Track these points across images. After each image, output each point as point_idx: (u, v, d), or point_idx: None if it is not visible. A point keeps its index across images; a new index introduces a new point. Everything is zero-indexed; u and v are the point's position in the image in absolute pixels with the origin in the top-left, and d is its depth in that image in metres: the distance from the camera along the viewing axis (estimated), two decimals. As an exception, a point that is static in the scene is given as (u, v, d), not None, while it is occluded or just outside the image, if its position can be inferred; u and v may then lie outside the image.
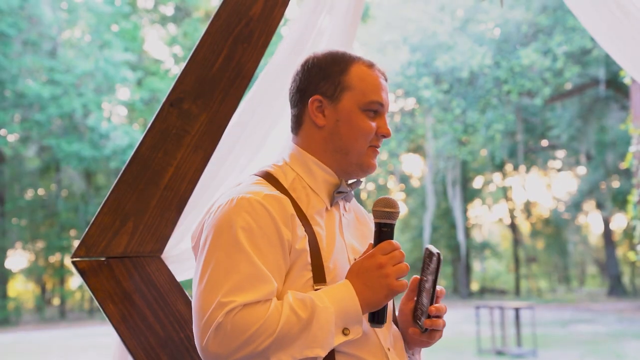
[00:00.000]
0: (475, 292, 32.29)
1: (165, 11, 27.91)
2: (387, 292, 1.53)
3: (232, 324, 1.43)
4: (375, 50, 20.74)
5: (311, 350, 1.46)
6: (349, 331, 1.52)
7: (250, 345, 1.43)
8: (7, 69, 20.92)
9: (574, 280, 37.20)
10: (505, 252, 35.95)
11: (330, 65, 1.72)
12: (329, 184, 1.70)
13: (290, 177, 1.69)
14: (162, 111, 2.33)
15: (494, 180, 32.07)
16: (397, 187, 31.19)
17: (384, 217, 1.59)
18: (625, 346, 12.43)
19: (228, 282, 1.47)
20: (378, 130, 1.71)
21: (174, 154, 2.31)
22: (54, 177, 25.49)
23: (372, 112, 1.70)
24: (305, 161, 1.71)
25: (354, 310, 1.51)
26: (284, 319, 1.45)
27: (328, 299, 1.50)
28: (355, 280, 1.54)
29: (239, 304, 1.44)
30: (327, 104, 1.70)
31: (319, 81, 1.71)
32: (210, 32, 2.38)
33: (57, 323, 23.12)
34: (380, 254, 1.55)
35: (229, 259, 1.49)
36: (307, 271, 1.56)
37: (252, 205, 1.54)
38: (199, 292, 1.50)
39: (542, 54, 18.74)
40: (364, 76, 1.71)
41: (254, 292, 1.46)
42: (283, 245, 1.54)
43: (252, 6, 2.41)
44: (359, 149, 1.69)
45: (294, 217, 1.57)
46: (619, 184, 25.04)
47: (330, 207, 1.70)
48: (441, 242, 31.32)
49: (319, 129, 1.71)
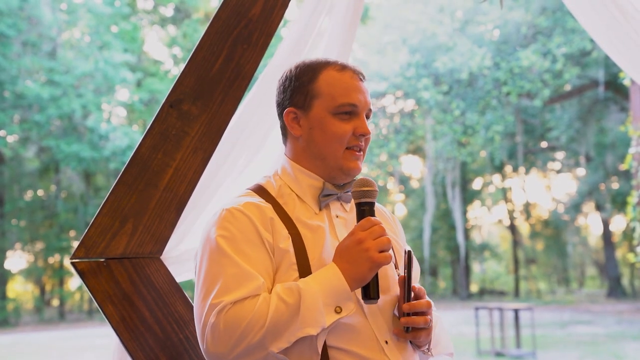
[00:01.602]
0: (475, 293, 32.29)
1: (164, 12, 27.93)
2: (370, 264, 1.57)
3: (225, 322, 1.53)
4: (374, 52, 20.75)
5: (302, 330, 1.52)
6: (341, 309, 1.56)
7: (245, 338, 1.52)
8: (6, 70, 20.92)
9: (573, 281, 37.20)
10: (504, 253, 35.96)
11: (301, 76, 1.79)
12: (314, 188, 1.78)
13: (277, 186, 1.80)
14: (162, 112, 2.33)
15: (494, 181, 32.09)
16: (396, 189, 31.20)
17: (362, 196, 1.65)
18: (624, 347, 12.43)
19: (216, 285, 1.58)
20: (355, 131, 1.74)
21: (174, 155, 2.31)
22: (53, 178, 25.49)
23: (346, 114, 1.74)
24: (292, 170, 1.80)
25: (341, 287, 1.56)
26: (273, 308, 1.53)
27: (314, 281, 1.57)
28: (339, 260, 1.60)
29: (228, 303, 1.54)
30: (300, 114, 1.77)
31: (292, 93, 1.79)
32: (209, 33, 2.38)
33: (57, 324, 23.12)
34: (359, 230, 1.60)
35: (215, 266, 1.61)
36: (293, 271, 1.63)
37: (232, 214, 1.67)
38: (195, 302, 1.63)
39: (542, 55, 18.75)
40: (332, 81, 1.75)
41: (241, 289, 1.56)
42: (265, 246, 1.64)
43: (252, 7, 2.41)
44: (335, 153, 1.74)
45: (273, 220, 1.68)
46: (618, 185, 25.05)
47: (319, 211, 1.76)
48: (440, 243, 31.33)
49: (297, 139, 1.79)
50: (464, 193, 29.41)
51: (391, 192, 32.83)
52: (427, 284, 30.99)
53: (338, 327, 1.60)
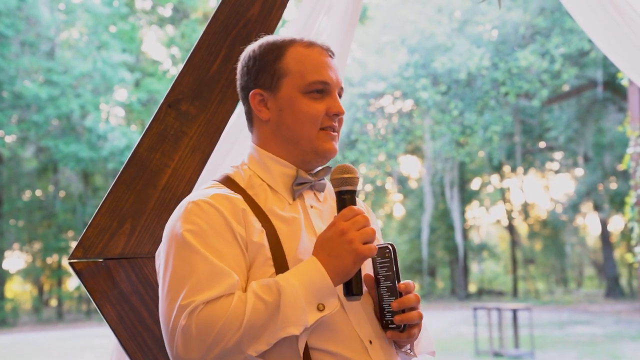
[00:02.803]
0: (473, 293, 32.30)
1: (163, 12, 27.92)
2: (354, 257, 1.45)
3: (197, 324, 1.39)
4: (373, 52, 20.76)
5: (284, 330, 1.39)
6: (324, 306, 1.44)
7: (220, 342, 1.38)
8: (4, 70, 20.90)
9: (571, 281, 37.23)
10: (502, 253, 35.98)
11: (265, 54, 1.65)
12: (286, 176, 1.64)
13: (246, 176, 1.65)
14: (160, 112, 2.33)
15: (492, 181, 32.11)
16: (395, 189, 31.22)
17: (343, 183, 1.53)
18: (622, 348, 12.44)
19: (186, 284, 1.43)
20: (328, 110, 1.62)
21: (172, 155, 2.31)
22: (51, 178, 25.48)
23: (317, 92, 1.61)
24: (260, 158, 1.67)
25: (324, 283, 1.44)
26: (250, 308, 1.39)
27: (293, 277, 1.44)
28: (320, 253, 1.47)
29: (199, 303, 1.40)
30: (267, 95, 1.64)
31: (257, 74, 1.65)
32: (208, 34, 2.38)
33: (55, 324, 23.10)
34: (341, 220, 1.48)
35: (184, 264, 1.46)
36: (268, 267, 1.50)
37: (200, 207, 1.52)
38: (161, 304, 1.48)
39: (540, 55, 18.77)
40: (301, 57, 1.62)
41: (214, 288, 1.42)
42: (238, 241, 1.50)
43: (250, 7, 2.41)
44: (308, 134, 1.61)
45: (245, 212, 1.53)
46: (616, 185, 25.07)
47: (292, 202, 1.63)
48: (439, 243, 31.35)
49: (266, 123, 1.66)
50: (463, 193, 29.42)
51: (389, 192, 32.87)
52: (425, 284, 31.00)
53: (319, 326, 1.48)
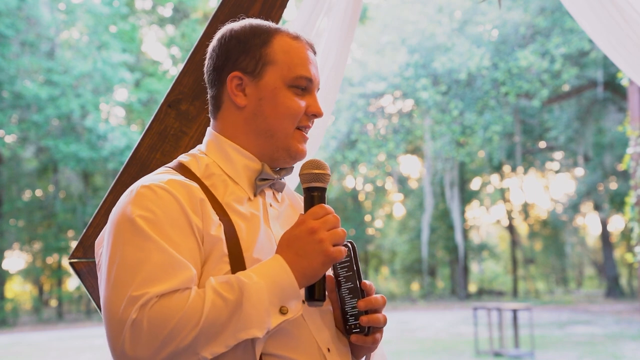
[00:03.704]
0: (473, 293, 32.29)
1: (163, 12, 27.94)
2: (323, 258, 1.35)
3: (149, 319, 1.25)
4: (373, 52, 20.76)
5: (246, 331, 1.28)
6: (287, 309, 1.32)
7: (174, 340, 1.25)
8: (4, 70, 20.91)
9: (571, 281, 37.24)
10: (503, 253, 35.98)
11: (250, 37, 1.53)
12: (250, 170, 1.52)
13: (203, 164, 1.51)
14: (160, 112, 2.33)
15: (492, 181, 32.11)
16: (395, 189, 31.22)
17: (313, 179, 1.43)
18: (622, 347, 12.43)
19: (138, 274, 1.28)
20: (308, 110, 1.53)
21: (172, 155, 2.31)
22: (51, 178, 25.48)
23: (300, 88, 1.52)
24: (222, 147, 1.53)
25: (289, 284, 1.33)
26: (209, 305, 1.27)
27: (256, 275, 1.32)
28: (286, 251, 1.36)
29: (153, 295, 1.26)
30: (248, 81, 1.51)
31: (238, 56, 1.52)
32: (208, 34, 2.38)
33: (55, 324, 23.10)
34: (311, 218, 1.38)
35: (136, 251, 1.31)
36: (224, 264, 1.38)
37: (154, 191, 1.38)
38: (106, 293, 1.31)
39: (540, 55, 18.77)
40: (289, 48, 1.52)
41: (169, 280, 1.28)
42: (194, 232, 1.37)
43: (250, 7, 2.41)
44: (285, 130, 1.51)
45: (204, 202, 1.40)
46: (616, 185, 25.08)
47: (253, 197, 1.51)
48: (439, 243, 31.34)
49: (240, 110, 1.53)
50: (463, 193, 29.42)
51: (390, 192, 32.89)
52: (425, 284, 31.02)
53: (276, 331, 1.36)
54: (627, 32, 2.72)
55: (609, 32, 2.79)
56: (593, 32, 2.90)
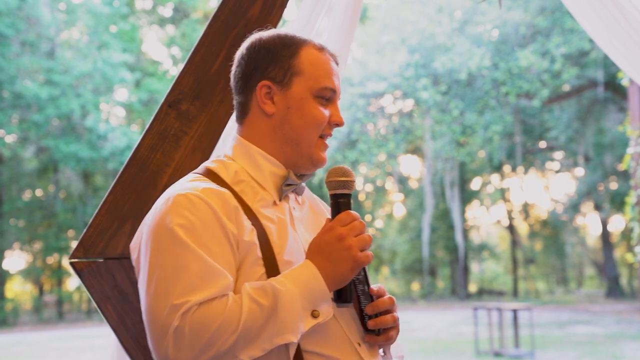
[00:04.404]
0: (473, 293, 32.30)
1: (163, 12, 27.94)
2: (352, 264, 1.43)
3: (191, 325, 1.33)
4: (373, 52, 20.76)
5: (282, 337, 1.36)
6: (319, 313, 1.41)
7: (214, 345, 1.34)
8: (5, 70, 20.92)
9: (571, 281, 37.24)
10: (503, 253, 35.98)
11: (280, 48, 1.60)
12: (276, 176, 1.59)
13: (232, 170, 1.58)
14: (161, 112, 2.33)
15: (492, 181, 32.12)
16: (395, 189, 31.22)
17: (340, 186, 1.50)
18: (622, 347, 12.44)
19: (178, 283, 1.36)
20: (331, 119, 1.61)
21: (172, 155, 2.31)
22: (51, 178, 25.48)
23: (324, 99, 1.60)
24: (250, 153, 1.60)
25: (320, 289, 1.41)
26: (246, 311, 1.35)
27: (289, 281, 1.40)
28: (316, 257, 1.44)
29: (194, 304, 1.34)
30: (276, 90, 1.59)
31: (267, 65, 1.59)
32: (208, 34, 2.38)
33: (55, 324, 23.11)
34: (339, 225, 1.45)
35: (175, 260, 1.39)
36: (258, 266, 1.45)
37: (190, 200, 1.44)
38: (148, 300, 1.39)
39: (540, 55, 18.77)
40: (315, 60, 1.60)
41: (208, 288, 1.36)
42: (229, 240, 1.44)
43: (251, 8, 2.41)
44: (310, 138, 1.59)
45: (237, 210, 1.47)
46: (616, 185, 25.07)
47: (279, 202, 1.59)
48: (439, 243, 31.35)
49: (268, 118, 1.59)
50: (463, 193, 29.42)
51: (390, 192, 32.88)
52: (425, 284, 31.02)
53: (311, 330, 1.44)
54: (627, 31, 2.71)
55: (610, 31, 2.78)
56: (593, 31, 2.90)
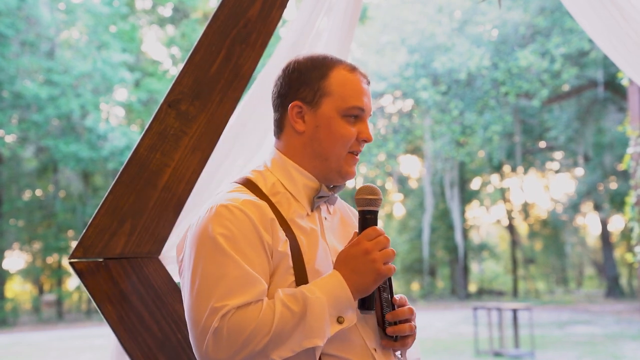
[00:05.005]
0: (473, 293, 32.30)
1: (163, 12, 27.93)
2: (375, 276, 1.57)
3: (229, 327, 1.48)
4: (373, 52, 20.76)
5: (310, 340, 1.50)
6: (344, 319, 1.55)
7: (249, 345, 1.47)
8: (4, 70, 20.91)
9: (571, 281, 37.24)
10: (503, 253, 35.98)
11: (310, 70, 1.72)
12: (309, 189, 1.73)
13: (270, 182, 1.71)
14: (160, 112, 2.33)
15: (492, 181, 32.11)
16: (395, 189, 31.21)
17: (368, 204, 1.64)
18: (622, 347, 12.44)
19: (218, 288, 1.51)
20: (359, 136, 1.72)
21: (172, 155, 2.31)
22: (51, 178, 25.48)
23: (353, 117, 1.71)
24: (285, 166, 1.73)
25: (345, 297, 1.55)
26: (278, 316, 1.49)
27: (318, 290, 1.54)
28: (343, 268, 1.58)
29: (232, 307, 1.49)
30: (306, 109, 1.71)
31: (299, 87, 1.72)
32: (208, 34, 2.38)
33: (55, 324, 23.10)
34: (365, 240, 1.59)
35: (216, 266, 1.53)
36: (289, 275, 1.59)
37: (231, 212, 1.58)
38: (191, 302, 1.54)
39: (540, 55, 18.77)
40: (344, 81, 1.71)
41: (245, 294, 1.51)
42: (265, 249, 1.58)
43: (250, 8, 2.41)
44: (338, 154, 1.71)
45: (274, 221, 1.61)
46: (616, 185, 25.07)
47: (311, 212, 1.72)
48: (439, 243, 31.35)
49: (299, 135, 1.72)
50: (463, 193, 29.42)
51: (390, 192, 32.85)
52: (425, 284, 31.02)
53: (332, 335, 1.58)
54: (627, 31, 2.72)
55: (609, 32, 2.79)
56: (593, 31, 2.90)
